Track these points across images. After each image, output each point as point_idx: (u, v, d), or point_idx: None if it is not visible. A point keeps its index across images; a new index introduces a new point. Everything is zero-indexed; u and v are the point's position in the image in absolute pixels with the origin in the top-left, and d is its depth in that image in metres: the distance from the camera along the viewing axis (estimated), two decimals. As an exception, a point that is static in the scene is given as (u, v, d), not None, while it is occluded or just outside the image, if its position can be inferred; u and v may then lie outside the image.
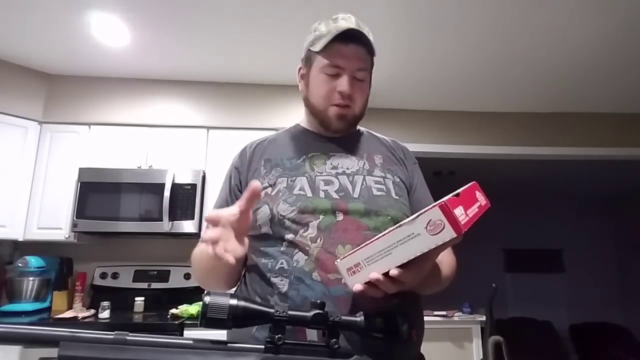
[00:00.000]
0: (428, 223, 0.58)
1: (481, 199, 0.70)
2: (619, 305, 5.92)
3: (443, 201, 0.57)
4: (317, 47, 0.88)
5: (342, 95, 0.88)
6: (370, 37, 0.89)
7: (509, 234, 5.95)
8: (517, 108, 3.38)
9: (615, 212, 6.21)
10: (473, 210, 0.64)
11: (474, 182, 0.70)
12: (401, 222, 0.62)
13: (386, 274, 0.62)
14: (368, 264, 0.64)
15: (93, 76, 2.89)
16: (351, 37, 0.87)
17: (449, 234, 0.57)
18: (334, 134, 0.94)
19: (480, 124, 3.41)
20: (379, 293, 0.64)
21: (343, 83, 0.88)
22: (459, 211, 0.58)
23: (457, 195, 0.60)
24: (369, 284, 0.64)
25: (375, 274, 0.62)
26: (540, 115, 3.43)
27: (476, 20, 2.25)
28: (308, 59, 0.94)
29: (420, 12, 2.18)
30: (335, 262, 0.69)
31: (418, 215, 0.59)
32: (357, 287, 0.64)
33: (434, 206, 0.58)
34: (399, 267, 0.61)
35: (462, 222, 0.58)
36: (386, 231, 0.63)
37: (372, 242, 0.64)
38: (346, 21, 0.89)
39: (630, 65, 2.70)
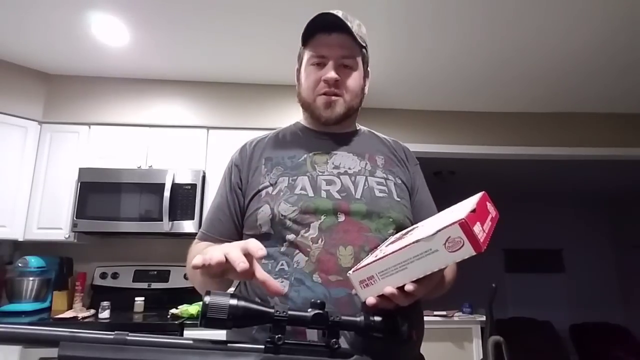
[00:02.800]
0: (447, 240, 0.57)
1: (492, 210, 0.68)
2: (619, 305, 5.92)
3: (463, 218, 0.56)
4: (302, 41, 0.91)
5: (327, 83, 0.88)
6: (355, 27, 0.88)
7: (509, 234, 5.94)
8: (517, 108, 3.38)
9: (615, 212, 6.21)
10: (487, 224, 0.62)
11: (483, 192, 0.69)
12: (419, 238, 0.60)
13: (400, 288, 0.62)
14: (382, 277, 0.63)
15: (93, 76, 2.89)
16: (334, 27, 0.88)
17: (468, 251, 0.55)
18: (327, 126, 0.93)
19: (480, 124, 3.41)
20: (391, 305, 0.64)
21: (327, 70, 0.88)
22: (477, 228, 0.57)
23: (474, 211, 0.59)
24: (382, 296, 0.63)
25: (390, 289, 0.62)
26: (540, 115, 3.43)
27: (476, 20, 2.25)
28: (299, 56, 0.97)
29: (420, 12, 2.18)
30: (348, 274, 0.68)
31: (437, 232, 0.58)
32: (370, 300, 0.64)
33: (453, 223, 0.56)
34: (413, 281, 0.61)
35: (481, 240, 0.56)
36: (402, 245, 0.62)
37: (387, 256, 0.63)
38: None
39: (630, 65, 2.70)
